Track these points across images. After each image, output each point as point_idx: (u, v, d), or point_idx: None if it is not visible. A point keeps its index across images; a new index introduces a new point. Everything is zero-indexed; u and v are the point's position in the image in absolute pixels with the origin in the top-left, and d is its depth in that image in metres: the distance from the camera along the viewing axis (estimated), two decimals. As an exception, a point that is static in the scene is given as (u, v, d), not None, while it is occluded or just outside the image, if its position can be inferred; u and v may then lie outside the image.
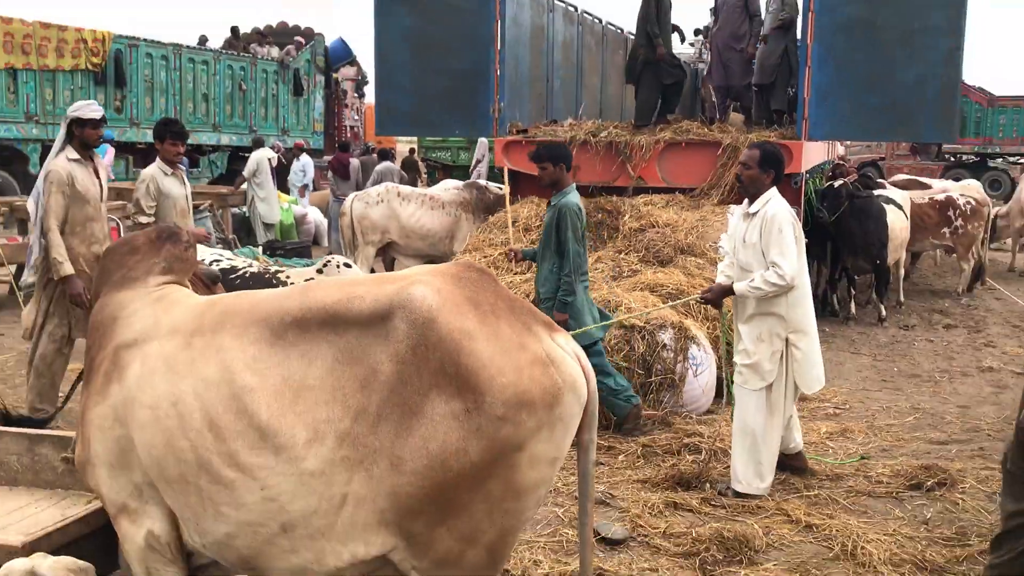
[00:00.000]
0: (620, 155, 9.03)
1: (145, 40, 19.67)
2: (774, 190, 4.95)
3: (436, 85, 9.43)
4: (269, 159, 14.96)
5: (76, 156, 5.85)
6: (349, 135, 25.32)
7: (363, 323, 2.49)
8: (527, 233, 7.98)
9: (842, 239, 10.04)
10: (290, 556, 2.55)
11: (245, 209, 14.29)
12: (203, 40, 22.90)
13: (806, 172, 9.41)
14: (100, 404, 2.76)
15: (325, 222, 15.51)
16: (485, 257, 7.61)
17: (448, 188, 10.91)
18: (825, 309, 10.74)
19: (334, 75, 25.35)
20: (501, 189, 10.62)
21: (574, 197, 5.98)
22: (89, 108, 5.93)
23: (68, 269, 5.66)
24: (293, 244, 12.98)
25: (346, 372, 2.47)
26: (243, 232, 14.14)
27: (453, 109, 9.45)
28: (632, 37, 14.26)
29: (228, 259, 6.55)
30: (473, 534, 2.43)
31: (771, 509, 4.78)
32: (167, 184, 6.43)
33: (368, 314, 2.49)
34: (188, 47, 20.99)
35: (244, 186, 14.90)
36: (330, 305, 2.55)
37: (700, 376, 6.41)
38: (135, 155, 19.20)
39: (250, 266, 6.43)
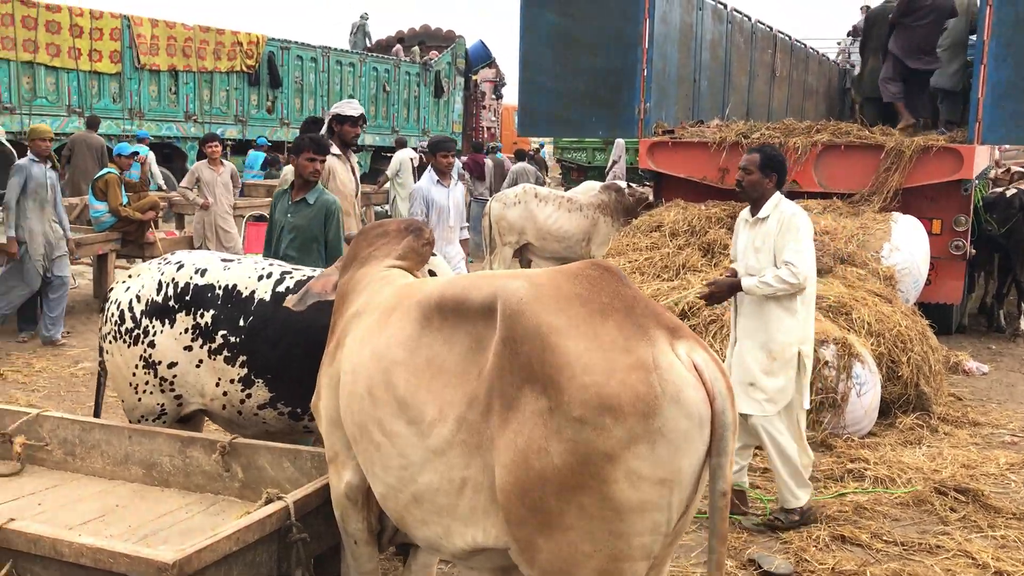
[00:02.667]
0: (773, 158, 8.56)
1: (296, 43, 20.29)
2: (779, 194, 4.70)
3: (579, 85, 9.22)
4: (411, 159, 15.17)
5: (337, 152, 5.92)
6: (486, 135, 25.46)
7: (481, 313, 2.51)
8: (674, 238, 7.67)
9: (1014, 250, 9.30)
10: (423, 527, 2.66)
11: (387, 207, 14.48)
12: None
13: (975, 179, 8.73)
14: (330, 365, 3.05)
15: (464, 222, 15.59)
16: (630, 262, 7.35)
17: (587, 190, 10.71)
18: (991, 325, 9.98)
19: (473, 77, 25.56)
20: (642, 191, 10.35)
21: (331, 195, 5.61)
22: (349, 106, 6.06)
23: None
24: (431, 243, 13.06)
25: (472, 359, 2.51)
26: (384, 231, 14.35)
27: (596, 109, 9.22)
28: (782, 36, 13.71)
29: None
30: (574, 554, 2.27)
31: (952, 550, 4.33)
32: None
33: (479, 305, 2.52)
34: (336, 50, 21.56)
35: (387, 185, 15.15)
36: (458, 294, 2.61)
37: (864, 396, 5.96)
38: (286, 154, 19.84)
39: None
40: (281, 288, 3.86)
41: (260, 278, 3.89)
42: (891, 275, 7.28)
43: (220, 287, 3.88)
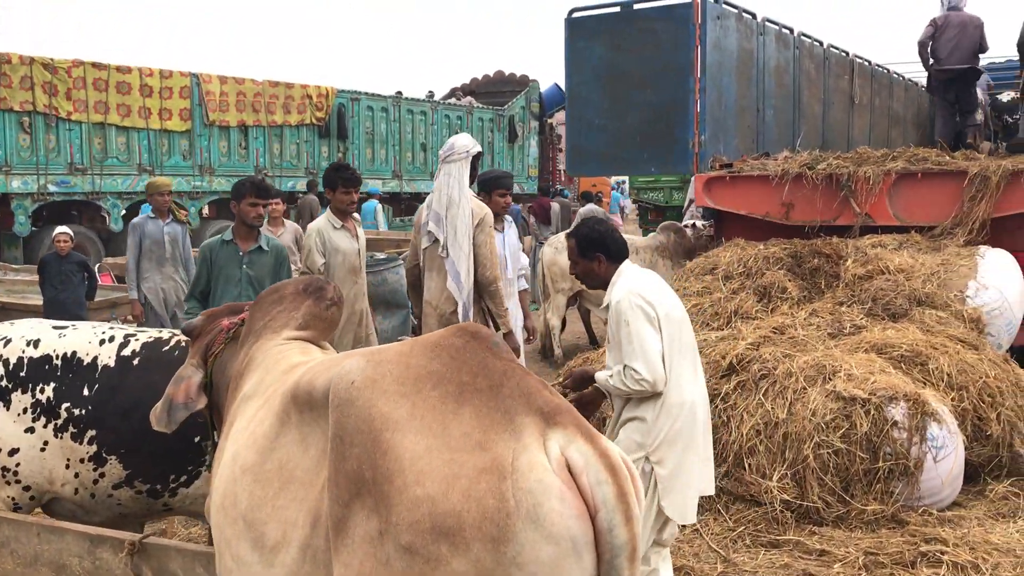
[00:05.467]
0: (842, 189, 7.78)
1: (366, 94, 20.30)
2: (623, 269, 3.85)
3: (630, 120, 8.65)
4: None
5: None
6: (564, 179, 25.01)
7: (325, 406, 1.94)
8: (728, 281, 6.94)
9: None
10: None
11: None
12: (430, 95, 23.54)
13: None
14: (220, 453, 2.54)
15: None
16: (677, 311, 6.64)
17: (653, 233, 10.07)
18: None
19: (548, 120, 25.24)
20: (705, 229, 9.66)
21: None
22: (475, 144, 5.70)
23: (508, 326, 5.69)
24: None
25: (324, 467, 1.94)
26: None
27: (648, 145, 8.61)
28: (860, 60, 12.84)
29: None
30: None
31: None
32: (336, 238, 5.86)
33: (322, 395, 1.96)
34: (407, 99, 21.50)
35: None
36: (307, 382, 2.05)
37: (942, 462, 5.11)
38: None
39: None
40: (126, 352, 3.49)
41: (101, 343, 3.53)
42: (978, 317, 6.37)
43: (58, 357, 3.49)
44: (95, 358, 3.50)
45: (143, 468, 3.48)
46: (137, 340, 3.57)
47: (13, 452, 3.46)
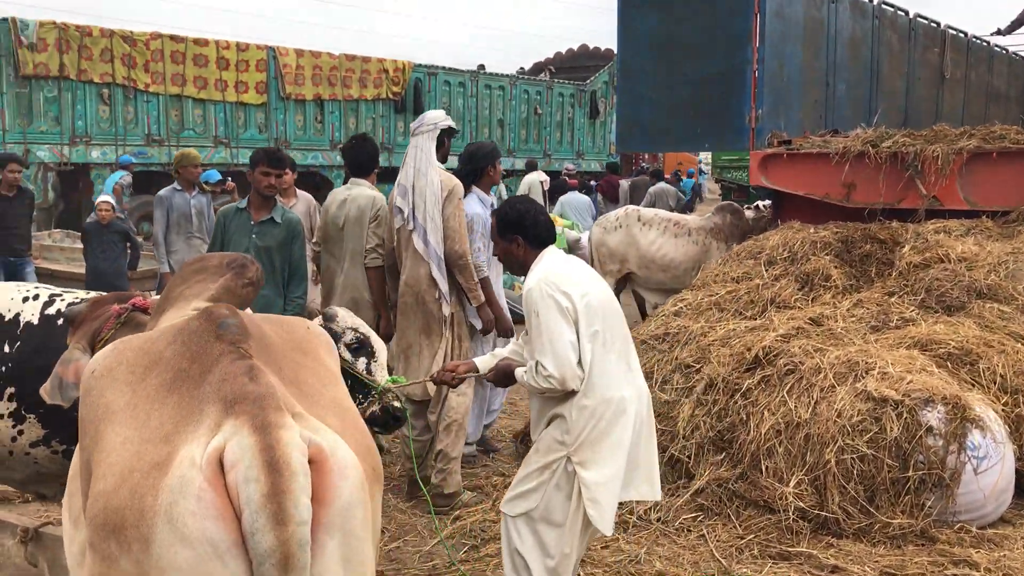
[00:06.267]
0: (908, 169, 7.15)
1: (444, 68, 20.11)
2: (545, 255, 3.51)
3: (683, 93, 8.18)
4: (541, 182, 14.51)
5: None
6: (647, 157, 24.38)
7: None
8: (770, 267, 6.43)
9: None
10: None
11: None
12: (521, 71, 23.31)
13: None
14: None
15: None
16: (710, 295, 6.19)
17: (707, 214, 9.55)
18: None
19: (633, 95, 24.63)
20: (766, 211, 9.10)
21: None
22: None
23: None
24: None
25: None
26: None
27: (702, 119, 8.13)
28: (954, 32, 11.94)
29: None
30: None
31: None
32: None
33: None
34: (485, 73, 21.22)
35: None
36: None
37: (985, 474, 4.58)
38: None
39: None
40: (51, 311, 3.45)
41: (25, 300, 3.49)
42: (1047, 313, 5.74)
43: None
44: (17, 315, 3.44)
45: (62, 428, 3.41)
46: (63, 300, 3.51)
47: None
